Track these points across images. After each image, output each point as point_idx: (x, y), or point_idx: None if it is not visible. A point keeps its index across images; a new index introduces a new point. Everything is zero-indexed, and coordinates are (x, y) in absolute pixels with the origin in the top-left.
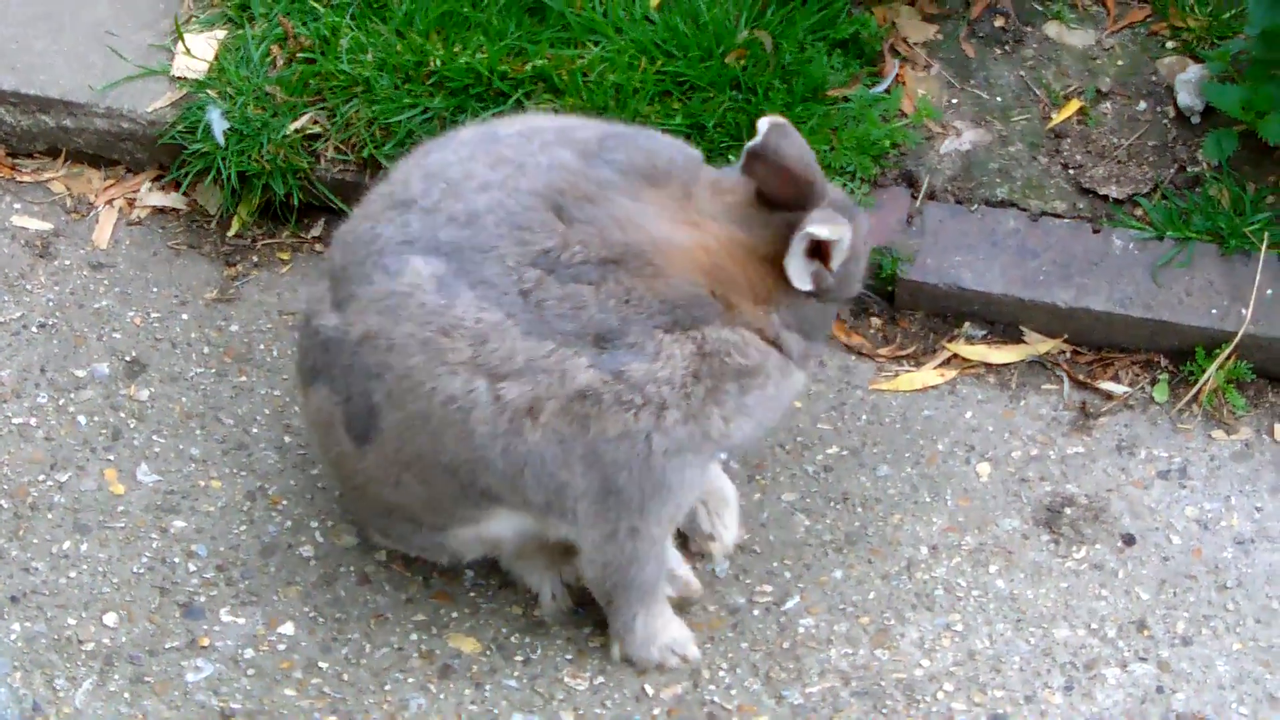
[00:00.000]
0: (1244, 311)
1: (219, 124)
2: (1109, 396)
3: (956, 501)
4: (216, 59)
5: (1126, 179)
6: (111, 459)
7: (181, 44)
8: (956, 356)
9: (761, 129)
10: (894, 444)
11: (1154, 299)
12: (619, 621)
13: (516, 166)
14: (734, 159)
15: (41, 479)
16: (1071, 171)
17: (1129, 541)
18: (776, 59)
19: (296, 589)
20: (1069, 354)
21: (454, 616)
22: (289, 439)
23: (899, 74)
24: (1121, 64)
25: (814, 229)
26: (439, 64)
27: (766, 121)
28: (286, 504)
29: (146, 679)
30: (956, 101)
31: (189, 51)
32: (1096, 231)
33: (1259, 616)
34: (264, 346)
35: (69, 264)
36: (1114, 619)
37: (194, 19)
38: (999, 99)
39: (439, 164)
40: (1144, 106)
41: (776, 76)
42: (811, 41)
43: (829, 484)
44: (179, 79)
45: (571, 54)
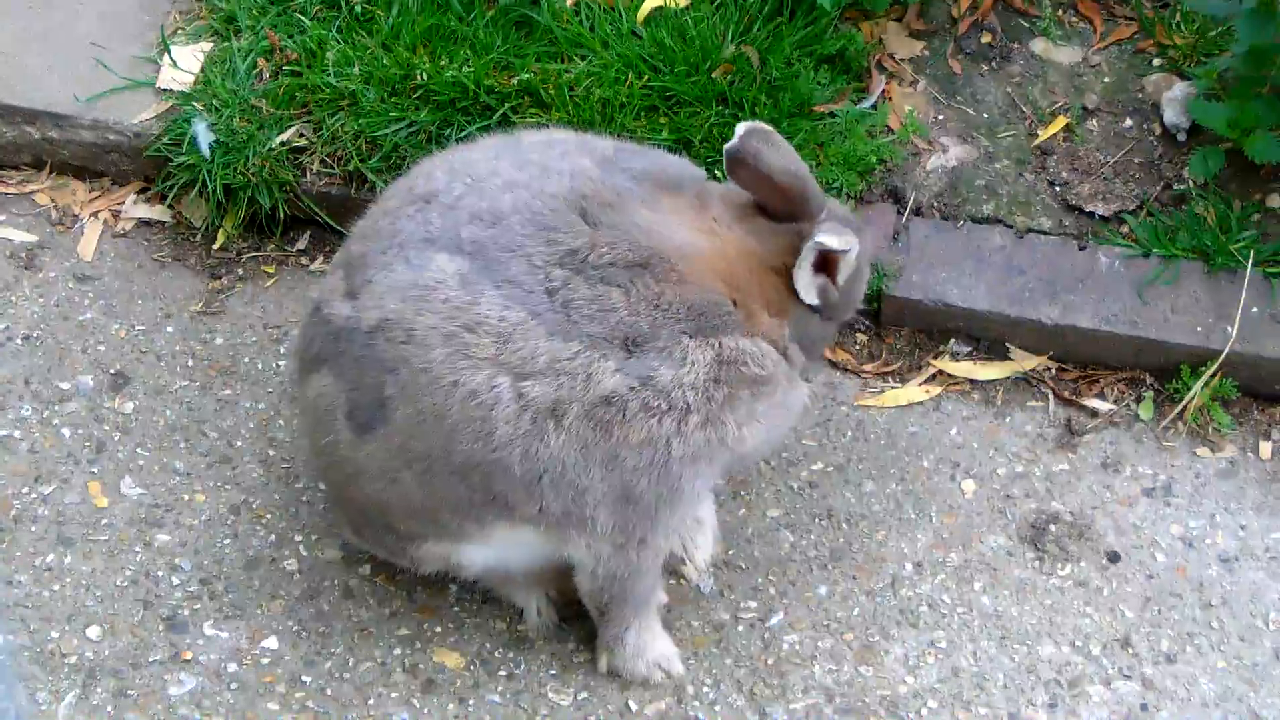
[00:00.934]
0: (1229, 329)
1: (205, 136)
2: (1094, 414)
3: (941, 518)
4: (202, 71)
5: (1113, 196)
6: (95, 472)
7: (167, 56)
8: (942, 373)
9: (738, 132)
10: (879, 460)
11: (1140, 316)
12: (611, 633)
13: (541, 169)
14: (720, 175)
15: (25, 491)
16: (1058, 188)
17: (1114, 559)
18: (763, 74)
19: (280, 603)
20: (1054, 371)
21: (438, 631)
22: (273, 453)
23: (885, 90)
24: (1108, 81)
25: (824, 238)
26: (425, 78)
27: (744, 126)
28: (270, 518)
29: (129, 692)
30: (943, 118)
31: (175, 64)
32: (1082, 249)
33: (1243, 634)
34: (249, 360)
35: (54, 276)
36: (1098, 636)
37: (180, 31)
38: (985, 115)
39: (464, 161)
40: (1130, 124)
41: (763, 92)
42: (798, 57)
43: (814, 500)
44: (165, 91)
45: (558, 68)
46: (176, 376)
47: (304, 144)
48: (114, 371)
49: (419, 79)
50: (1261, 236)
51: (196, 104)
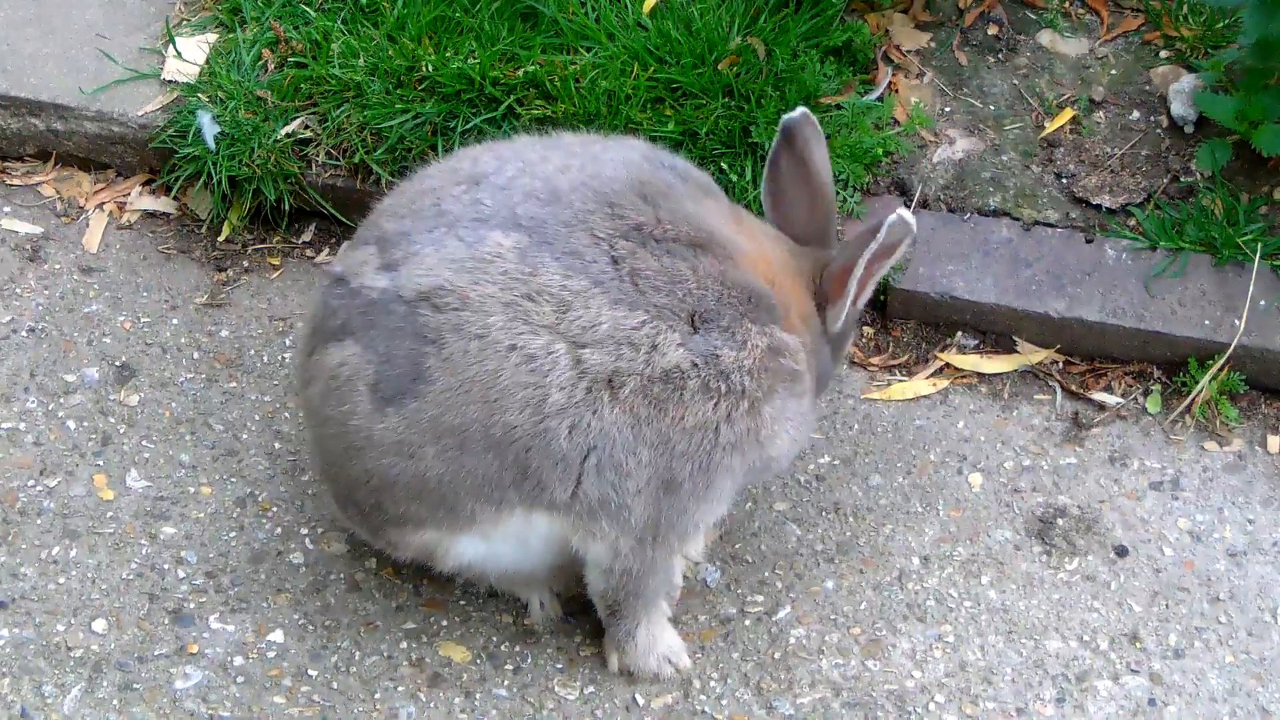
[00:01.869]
0: (1237, 322)
1: (210, 128)
2: (1101, 407)
3: (948, 512)
4: (208, 63)
5: (1119, 189)
6: (101, 464)
7: (173, 47)
8: (949, 366)
9: (798, 110)
10: (886, 454)
11: (1147, 309)
12: (621, 630)
13: (591, 158)
14: (726, 167)
15: (31, 484)
16: (1064, 181)
17: (1121, 553)
18: (769, 66)
19: (286, 596)
20: (1061, 364)
21: (444, 625)
22: (279, 445)
23: (892, 82)
24: (1115, 73)
25: (904, 214)
26: (431, 69)
27: (803, 109)
28: (276, 510)
29: (135, 686)
30: (949, 110)
31: (180, 55)
32: (1089, 241)
33: (1251, 629)
34: (254, 352)
35: (59, 268)
36: (1106, 631)
37: (185, 22)
38: (992, 107)
39: (511, 149)
40: (1137, 116)
41: (769, 84)
42: (804, 49)
43: (821, 494)
44: (170, 83)
45: (564, 60)
46: (182, 369)
47: (309, 136)
48: (119, 364)
49: (424, 70)
50: (1269, 229)
51: (201, 95)
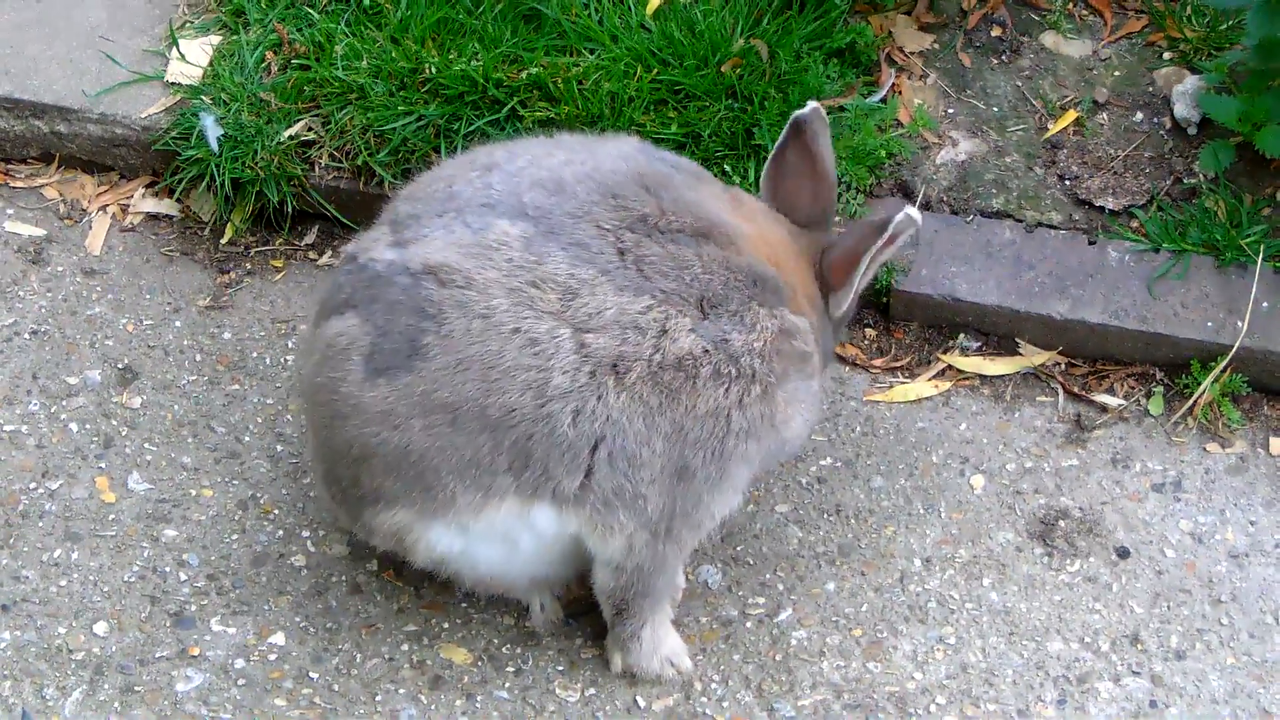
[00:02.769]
0: (1240, 324)
1: (213, 130)
2: (1104, 409)
3: (950, 514)
4: (211, 65)
5: (1123, 190)
6: (103, 467)
7: (176, 50)
8: (951, 368)
9: (810, 104)
10: (888, 455)
11: (1149, 311)
12: (627, 630)
13: (591, 153)
14: (729, 169)
15: (32, 486)
16: (1067, 183)
17: (1123, 555)
18: (772, 68)
19: (287, 599)
20: (1064, 366)
21: (445, 627)
22: (281, 448)
23: (895, 83)
24: (1118, 75)
25: (911, 211)
26: (434, 71)
27: (814, 103)
28: (278, 513)
29: (136, 688)
30: (953, 111)
31: (183, 57)
32: (1092, 243)
33: (1253, 631)
34: (257, 354)
35: (62, 270)
36: (1107, 632)
37: (188, 24)
38: (995, 109)
39: (522, 144)
40: (1140, 118)
41: (772, 85)
42: (807, 50)
43: (822, 495)
44: (173, 85)
45: (567, 62)
46: (184, 371)
47: (312, 138)
48: (122, 366)
49: (427, 72)
50: (1272, 231)
51: (205, 98)
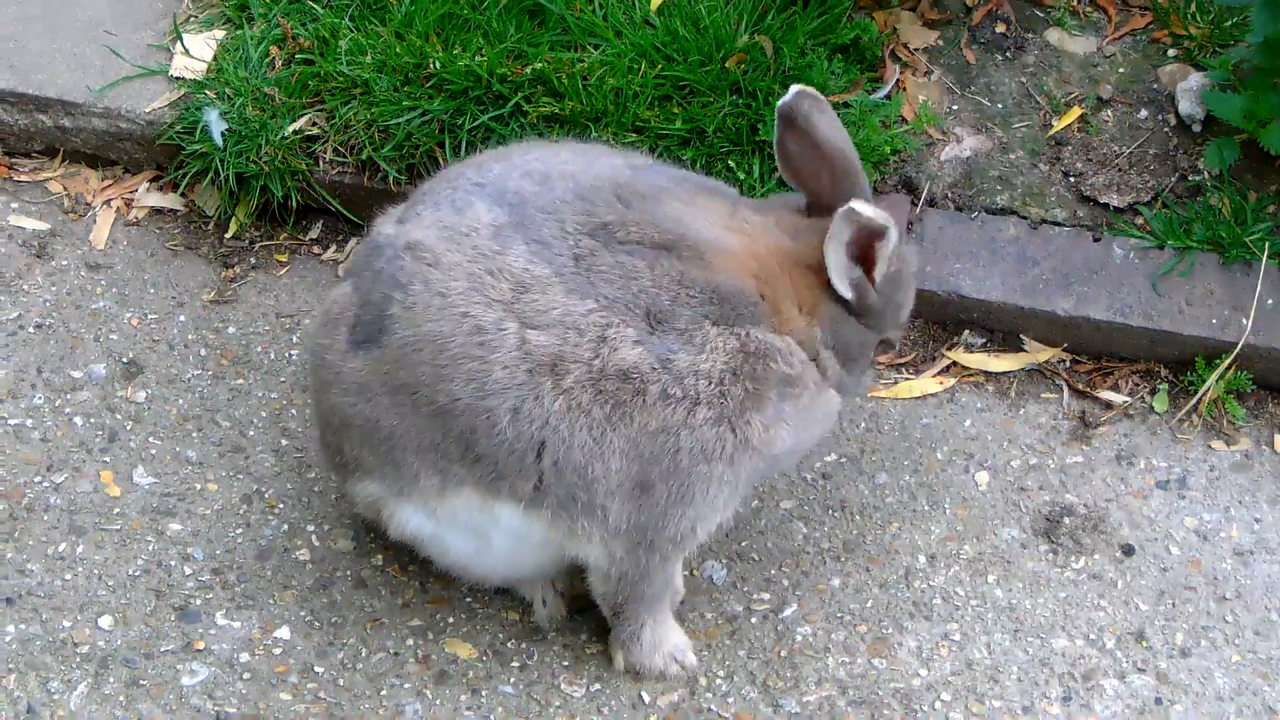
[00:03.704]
0: (1244, 322)
1: (217, 125)
2: (1108, 406)
3: (955, 510)
4: (215, 59)
5: (1127, 187)
6: (108, 461)
7: (180, 44)
8: (956, 364)
9: (791, 91)
10: (892, 452)
11: (1154, 308)
12: (626, 631)
13: (593, 157)
14: (733, 165)
15: (38, 480)
16: (1072, 179)
17: (1128, 552)
18: (777, 64)
19: (292, 593)
20: (1068, 363)
21: (450, 622)
22: (286, 442)
23: (900, 80)
24: (1123, 71)
25: (858, 205)
26: (438, 66)
27: (796, 87)
28: (283, 507)
29: (141, 682)
30: (957, 108)
31: (187, 52)
32: (1097, 240)
33: (1258, 628)
34: (261, 349)
35: (66, 264)
36: (1112, 629)
37: (193, 19)
38: (1000, 106)
39: (551, 146)
40: (1145, 114)
41: (777, 81)
42: (812, 46)
43: (827, 492)
44: (177, 79)
45: (571, 57)
46: (189, 365)
47: (316, 133)
48: (126, 360)
49: (432, 68)
50: (1277, 228)
51: (209, 92)
